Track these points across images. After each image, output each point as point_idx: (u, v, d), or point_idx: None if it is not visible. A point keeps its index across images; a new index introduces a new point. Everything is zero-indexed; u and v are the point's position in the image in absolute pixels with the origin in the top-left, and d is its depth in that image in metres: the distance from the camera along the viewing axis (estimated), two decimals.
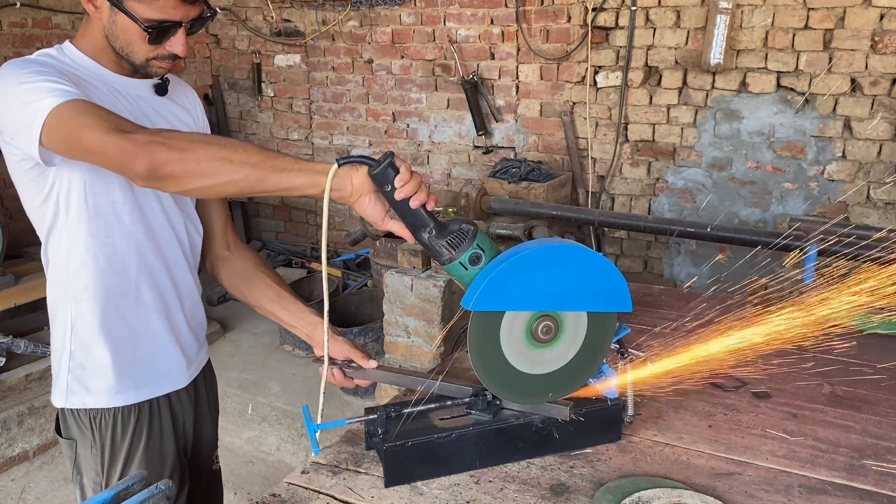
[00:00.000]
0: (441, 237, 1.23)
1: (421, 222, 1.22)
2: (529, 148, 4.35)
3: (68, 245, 1.38)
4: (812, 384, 1.66)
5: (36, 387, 3.40)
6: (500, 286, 1.23)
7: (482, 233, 1.25)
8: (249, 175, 1.17)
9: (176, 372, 1.55)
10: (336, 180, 1.17)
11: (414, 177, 1.18)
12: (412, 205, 1.20)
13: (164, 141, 1.16)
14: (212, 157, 1.17)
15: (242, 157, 1.18)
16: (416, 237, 1.24)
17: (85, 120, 1.17)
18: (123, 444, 1.46)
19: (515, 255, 1.23)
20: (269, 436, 3.45)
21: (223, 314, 4.55)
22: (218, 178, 1.17)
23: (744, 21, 3.58)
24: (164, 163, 1.15)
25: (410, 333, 3.15)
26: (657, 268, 4.14)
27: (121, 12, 1.30)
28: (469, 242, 1.23)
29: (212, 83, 5.45)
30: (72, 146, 1.22)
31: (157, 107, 1.46)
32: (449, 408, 1.39)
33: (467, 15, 4.35)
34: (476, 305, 1.22)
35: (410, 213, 1.21)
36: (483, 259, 1.24)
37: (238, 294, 1.64)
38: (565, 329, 1.31)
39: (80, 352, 1.43)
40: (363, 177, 1.19)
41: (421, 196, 1.19)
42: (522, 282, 1.24)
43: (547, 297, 1.27)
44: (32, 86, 1.21)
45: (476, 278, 1.23)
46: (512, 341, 1.29)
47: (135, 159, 1.15)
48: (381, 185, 1.19)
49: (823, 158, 3.61)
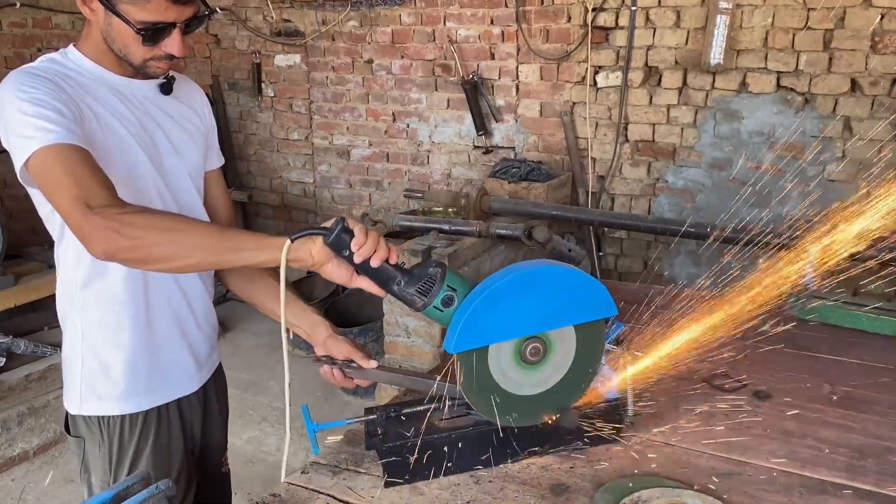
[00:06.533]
0: (410, 285, 1.25)
1: (387, 276, 1.25)
2: (529, 148, 4.35)
3: (76, 254, 1.39)
4: (812, 384, 1.66)
5: (36, 387, 3.40)
6: (477, 323, 1.23)
7: (451, 271, 1.27)
8: (203, 259, 1.23)
9: (187, 377, 1.55)
10: (294, 253, 1.22)
11: (370, 237, 1.22)
12: (373, 264, 1.22)
13: (119, 229, 1.18)
14: (166, 245, 1.20)
15: (198, 241, 1.22)
16: (386, 291, 1.27)
17: (61, 178, 1.19)
18: (131, 445, 1.47)
19: (487, 290, 1.23)
20: (269, 436, 3.45)
21: (223, 314, 4.55)
22: (173, 263, 1.23)
23: (744, 21, 3.58)
24: (118, 250, 1.20)
25: (410, 333, 3.15)
26: (657, 268, 4.14)
27: (115, 15, 1.30)
28: (439, 285, 1.24)
29: (212, 83, 5.44)
30: (45, 193, 1.25)
31: (163, 107, 1.47)
32: (449, 408, 1.39)
33: (467, 15, 4.35)
34: (457, 347, 1.23)
35: (374, 271, 1.24)
36: (456, 299, 1.25)
37: (240, 292, 1.64)
38: (554, 345, 1.31)
39: (91, 359, 1.44)
40: (320, 246, 1.22)
41: (380, 254, 1.22)
42: (499, 313, 1.24)
43: (527, 322, 1.27)
44: (27, 119, 1.22)
45: (452, 320, 1.24)
46: (503, 370, 1.29)
47: (91, 243, 1.19)
48: (339, 252, 1.22)
49: (823, 158, 3.61)
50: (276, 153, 5.39)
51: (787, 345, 1.88)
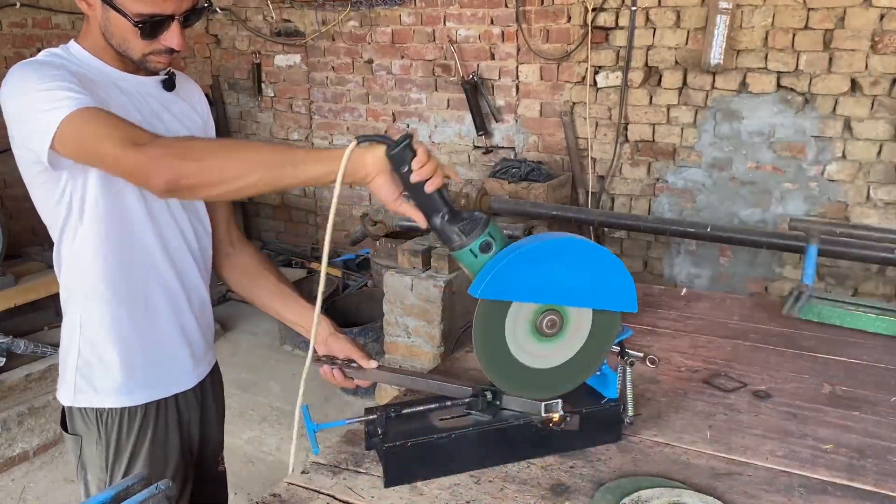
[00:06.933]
0: (453, 223, 1.23)
1: (435, 207, 1.23)
2: (529, 148, 4.35)
3: (80, 245, 1.38)
4: (812, 384, 1.66)
5: (36, 387, 3.40)
6: (509, 276, 1.22)
7: (494, 223, 1.25)
8: (265, 175, 1.19)
9: (184, 373, 1.54)
10: (351, 164, 1.17)
11: (431, 160, 1.18)
12: (428, 188, 1.20)
13: (179, 153, 1.18)
14: (228, 163, 1.18)
15: (257, 157, 1.19)
16: (428, 221, 1.25)
17: (99, 130, 1.19)
18: (129, 442, 1.46)
19: (526, 246, 1.22)
20: (269, 436, 3.45)
21: (223, 314, 4.55)
22: (237, 183, 1.19)
23: (744, 21, 3.58)
24: (182, 176, 1.17)
25: (410, 333, 3.15)
26: (657, 268, 4.14)
27: (112, 9, 1.29)
28: (481, 230, 1.23)
29: (212, 83, 5.45)
30: (85, 154, 1.24)
31: (167, 104, 1.46)
32: (449, 408, 1.39)
33: (467, 15, 4.35)
34: (484, 293, 1.22)
35: (425, 196, 1.21)
36: (493, 248, 1.24)
37: (241, 291, 1.64)
38: (569, 325, 1.31)
39: (87, 351, 1.43)
40: (379, 157, 1.18)
41: (436, 181, 1.19)
42: (532, 273, 1.23)
43: (554, 291, 1.26)
44: (48, 93, 1.21)
45: (485, 266, 1.23)
46: (516, 332, 1.29)
47: (153, 175, 1.17)
48: (397, 166, 1.19)
49: (823, 158, 3.61)
50: None
51: (787, 345, 1.88)
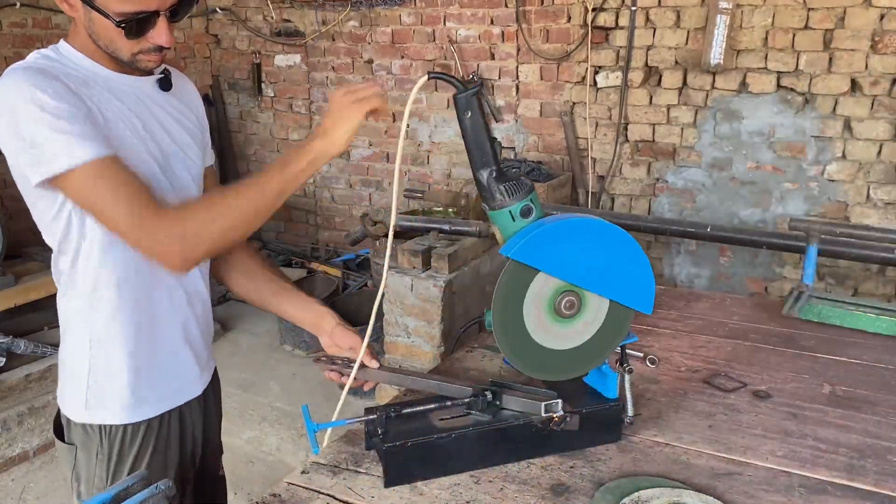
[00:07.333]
0: (499, 181, 1.24)
1: (486, 160, 1.24)
2: (529, 148, 4.35)
3: (83, 260, 1.34)
4: (812, 384, 1.66)
5: (36, 387, 3.40)
6: (544, 243, 1.23)
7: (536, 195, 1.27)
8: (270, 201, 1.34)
9: (191, 381, 1.51)
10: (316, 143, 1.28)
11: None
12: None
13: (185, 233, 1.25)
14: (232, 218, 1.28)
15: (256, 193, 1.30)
16: (475, 174, 1.26)
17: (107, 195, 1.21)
18: (130, 454, 1.43)
19: (568, 220, 1.23)
20: (269, 436, 3.45)
21: (223, 314, 4.55)
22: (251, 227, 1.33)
23: (744, 21, 3.58)
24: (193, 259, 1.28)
25: (410, 333, 3.15)
26: (657, 268, 4.14)
27: (93, 10, 1.23)
28: (524, 194, 1.24)
29: (212, 83, 5.45)
30: (87, 210, 1.26)
31: (164, 105, 1.41)
32: (449, 408, 1.39)
33: (467, 15, 4.35)
34: (517, 255, 1.22)
35: (480, 145, 1.23)
36: (533, 215, 1.25)
37: (241, 290, 1.61)
38: (585, 312, 1.31)
39: (100, 368, 1.39)
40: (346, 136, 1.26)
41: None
42: (566, 248, 1.24)
43: (582, 272, 1.27)
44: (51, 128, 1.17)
45: (524, 229, 1.24)
46: (534, 305, 1.29)
47: (165, 263, 1.27)
48: (462, 112, 1.22)
49: (823, 158, 3.61)
50: (277, 153, 5.39)
51: (787, 345, 1.88)
